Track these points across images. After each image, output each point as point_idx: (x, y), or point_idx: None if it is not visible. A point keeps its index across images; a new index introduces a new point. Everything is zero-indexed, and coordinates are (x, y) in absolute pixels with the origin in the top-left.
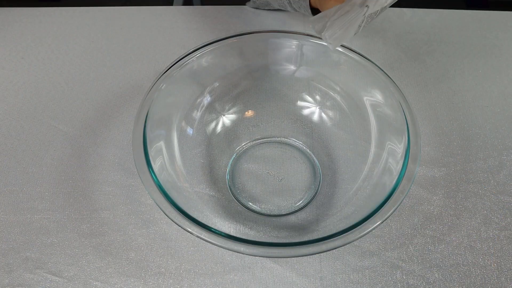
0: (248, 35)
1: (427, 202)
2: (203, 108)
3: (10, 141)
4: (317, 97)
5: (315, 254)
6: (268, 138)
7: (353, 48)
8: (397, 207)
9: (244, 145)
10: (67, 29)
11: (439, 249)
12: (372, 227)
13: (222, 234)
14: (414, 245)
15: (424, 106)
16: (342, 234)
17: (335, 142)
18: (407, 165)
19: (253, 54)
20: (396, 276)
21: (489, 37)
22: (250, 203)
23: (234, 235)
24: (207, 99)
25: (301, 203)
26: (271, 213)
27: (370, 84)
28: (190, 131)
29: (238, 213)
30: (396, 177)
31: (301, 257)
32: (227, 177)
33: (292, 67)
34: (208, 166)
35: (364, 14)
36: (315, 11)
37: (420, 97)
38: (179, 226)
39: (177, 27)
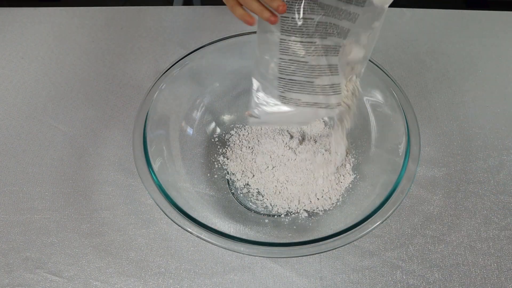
0: (248, 35)
1: (427, 202)
2: (203, 108)
3: (10, 141)
4: None
5: (315, 254)
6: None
7: None
8: (397, 207)
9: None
10: (67, 29)
11: (439, 249)
12: (372, 227)
13: (222, 234)
14: (414, 245)
15: (424, 106)
16: (342, 234)
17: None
18: (407, 165)
19: (253, 54)
20: (396, 276)
21: (489, 37)
22: (250, 203)
23: (234, 235)
24: (207, 99)
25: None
26: (271, 213)
27: (370, 84)
28: (190, 131)
29: (238, 213)
30: (396, 177)
31: (301, 257)
32: (227, 177)
33: None
34: (208, 166)
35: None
36: None
37: (420, 97)
38: (179, 226)
39: (177, 27)
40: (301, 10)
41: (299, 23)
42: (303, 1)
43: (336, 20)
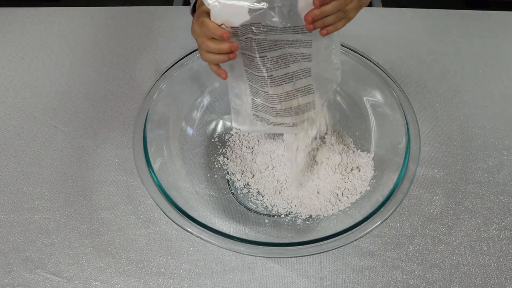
0: None
1: (427, 202)
2: (203, 108)
3: (10, 141)
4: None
5: (315, 254)
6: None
7: (353, 48)
8: (397, 207)
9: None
10: (67, 29)
11: (439, 249)
12: (372, 227)
13: (222, 234)
14: (414, 245)
15: (424, 106)
16: (342, 234)
17: None
18: (407, 165)
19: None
20: (396, 276)
21: (489, 37)
22: (250, 203)
23: (234, 235)
24: (207, 99)
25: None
26: (271, 213)
27: (370, 84)
28: (190, 131)
29: (238, 213)
30: (396, 177)
31: (301, 257)
32: (227, 177)
33: None
34: (208, 166)
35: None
36: None
37: (420, 97)
38: (179, 226)
39: (177, 27)
40: (255, 50)
41: (255, 60)
42: (253, 42)
43: (294, 49)
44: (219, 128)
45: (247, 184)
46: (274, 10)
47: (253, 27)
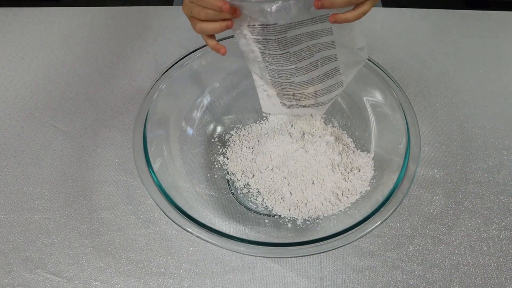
0: None
1: (427, 202)
2: (203, 108)
3: (10, 141)
4: None
5: (315, 254)
6: None
7: None
8: (397, 207)
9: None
10: (67, 29)
11: (439, 249)
12: (372, 227)
13: (222, 234)
14: (414, 245)
15: (424, 106)
16: (342, 234)
17: None
18: (407, 165)
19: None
20: (396, 276)
21: (489, 37)
22: (250, 203)
23: (234, 235)
24: (207, 99)
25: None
26: (271, 213)
27: (370, 84)
28: (190, 131)
29: (238, 213)
30: (396, 177)
31: (301, 257)
32: (227, 177)
33: None
34: (208, 166)
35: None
36: None
37: (420, 97)
38: (179, 226)
39: (177, 27)
40: (277, 48)
41: (276, 57)
42: (273, 42)
43: (315, 40)
44: (219, 128)
45: (247, 184)
46: (289, 7)
47: (270, 29)
